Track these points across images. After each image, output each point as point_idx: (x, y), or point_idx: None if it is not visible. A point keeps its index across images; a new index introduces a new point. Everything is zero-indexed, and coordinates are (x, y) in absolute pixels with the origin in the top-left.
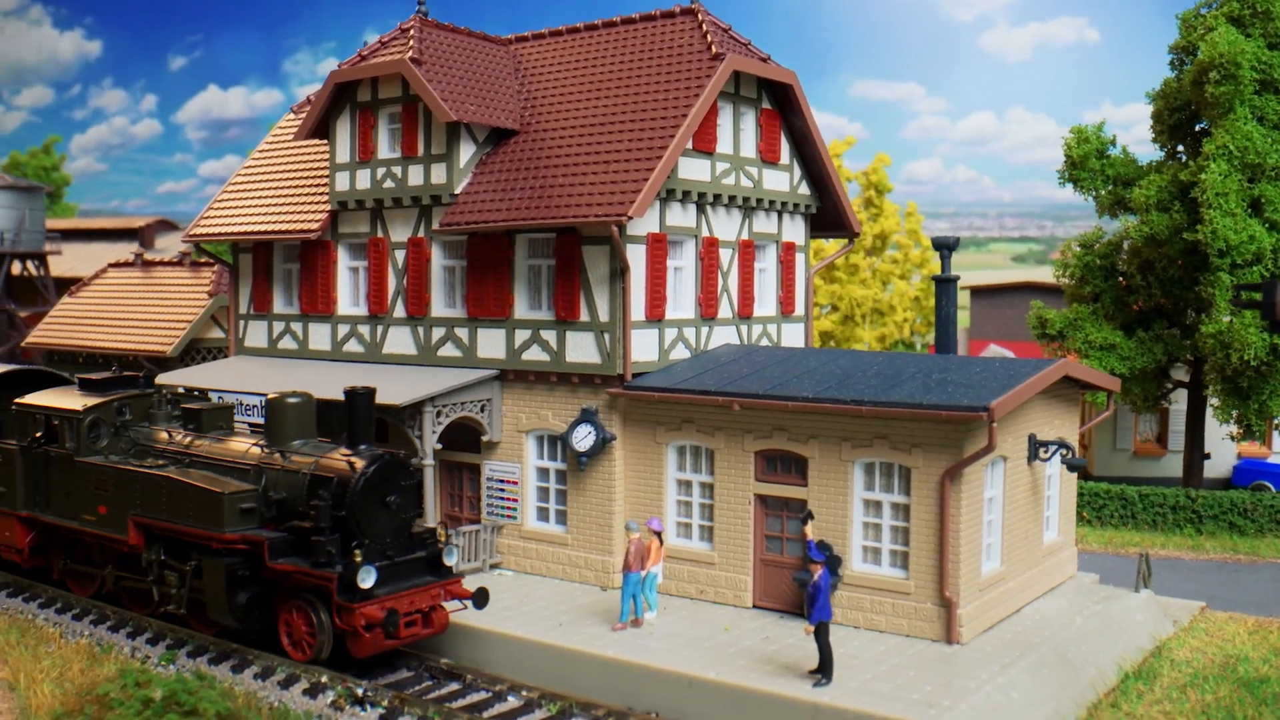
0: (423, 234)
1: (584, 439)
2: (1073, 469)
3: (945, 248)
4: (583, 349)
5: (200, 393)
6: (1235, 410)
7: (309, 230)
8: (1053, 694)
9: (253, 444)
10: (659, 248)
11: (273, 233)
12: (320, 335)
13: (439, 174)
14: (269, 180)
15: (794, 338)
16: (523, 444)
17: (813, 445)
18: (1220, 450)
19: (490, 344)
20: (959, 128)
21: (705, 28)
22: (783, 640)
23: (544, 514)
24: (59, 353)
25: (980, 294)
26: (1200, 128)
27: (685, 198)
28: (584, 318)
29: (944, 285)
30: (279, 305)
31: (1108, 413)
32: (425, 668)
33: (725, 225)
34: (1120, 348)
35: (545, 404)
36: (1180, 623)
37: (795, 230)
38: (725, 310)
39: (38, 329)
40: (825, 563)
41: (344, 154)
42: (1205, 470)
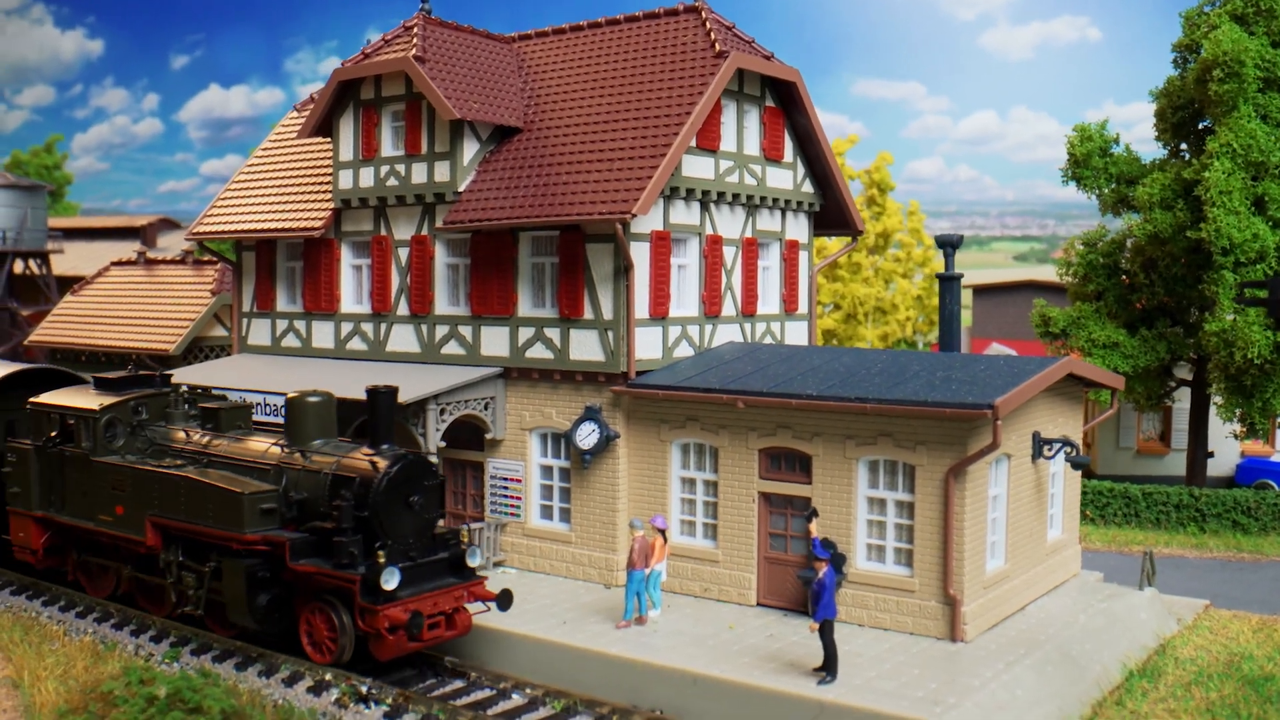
0: (426, 232)
1: (588, 437)
2: (1076, 467)
3: (949, 245)
4: (586, 347)
5: (211, 391)
6: (1239, 408)
7: (312, 228)
8: (1057, 692)
9: (272, 443)
10: (663, 245)
11: (276, 231)
12: (324, 333)
13: (442, 172)
14: (272, 178)
15: (797, 336)
16: (526, 442)
17: (817, 443)
18: (1223, 449)
19: (494, 342)
20: (960, 127)
21: (709, 26)
22: (787, 638)
23: (548, 512)
24: (61, 351)
25: (982, 293)
26: (1203, 126)
27: (689, 195)
28: (588, 315)
29: (948, 283)
30: (282, 303)
31: (1111, 411)
32: (429, 665)
33: (729, 223)
34: (1123, 346)
35: (549, 402)
36: (1184, 621)
37: (799, 228)
38: (729, 308)
39: (40, 327)
40: (830, 560)
41: (347, 152)
42: (1208, 469)
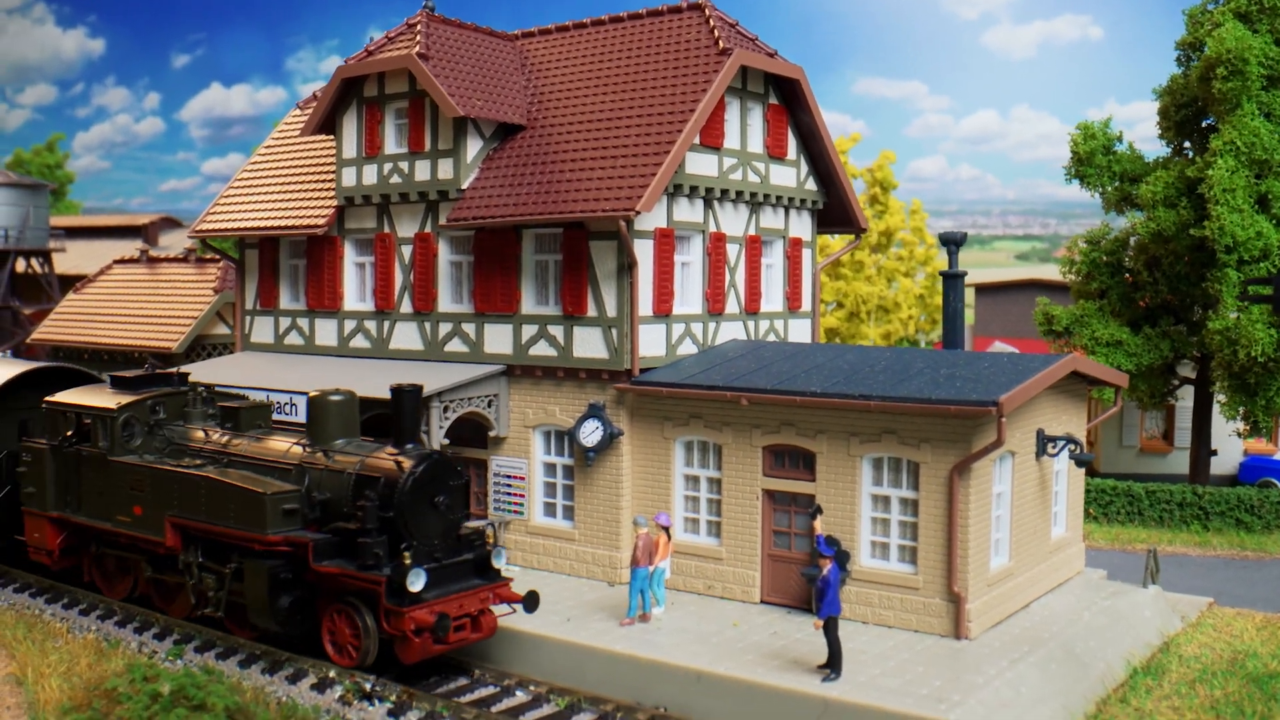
0: (429, 229)
1: (591, 434)
2: (1080, 464)
3: (952, 243)
4: (590, 344)
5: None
6: (1242, 406)
7: (315, 226)
8: (1062, 689)
9: (294, 443)
10: (666, 243)
11: (279, 228)
12: (327, 331)
13: (446, 169)
14: (275, 176)
15: (801, 333)
16: (530, 439)
17: (821, 440)
18: (1226, 447)
19: (497, 339)
20: (963, 125)
21: (712, 23)
22: (791, 635)
23: (551, 509)
24: (64, 349)
25: (985, 291)
26: (1207, 124)
27: (693, 193)
28: (591, 313)
29: (952, 280)
30: (285, 301)
31: (1115, 408)
32: (431, 662)
33: (732, 220)
34: (1127, 344)
35: (552, 399)
36: (1188, 619)
37: (802, 226)
38: (732, 305)
39: (43, 326)
40: (834, 558)
41: (350, 149)
42: (1211, 467)
